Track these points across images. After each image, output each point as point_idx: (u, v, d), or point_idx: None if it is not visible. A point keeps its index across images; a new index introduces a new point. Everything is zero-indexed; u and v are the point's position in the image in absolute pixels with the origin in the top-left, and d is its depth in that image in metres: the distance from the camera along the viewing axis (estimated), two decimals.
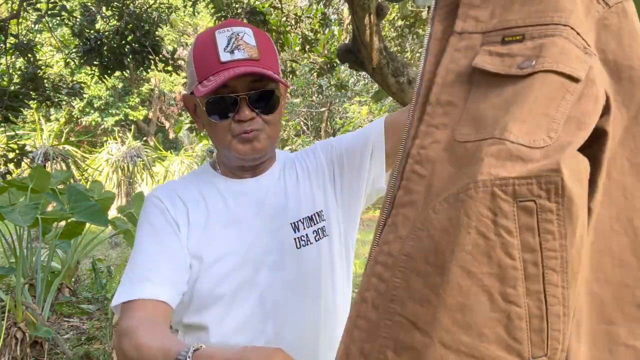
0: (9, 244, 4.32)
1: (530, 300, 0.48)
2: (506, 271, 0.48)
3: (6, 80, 4.72)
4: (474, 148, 0.50)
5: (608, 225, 0.55)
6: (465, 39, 0.56)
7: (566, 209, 0.47)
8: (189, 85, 1.03)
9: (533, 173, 0.47)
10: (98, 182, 5.18)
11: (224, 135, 1.00)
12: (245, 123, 0.97)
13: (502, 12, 0.55)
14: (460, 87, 0.55)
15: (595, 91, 0.52)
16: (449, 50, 0.57)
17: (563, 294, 0.49)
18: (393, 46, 8.02)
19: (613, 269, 0.55)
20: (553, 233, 0.48)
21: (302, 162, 1.15)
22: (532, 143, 0.48)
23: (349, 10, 2.85)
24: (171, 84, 18.64)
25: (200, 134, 7.78)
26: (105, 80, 5.33)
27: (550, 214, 0.48)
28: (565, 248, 0.48)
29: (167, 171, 15.16)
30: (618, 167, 0.55)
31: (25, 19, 5.41)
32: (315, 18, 7.34)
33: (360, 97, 13.90)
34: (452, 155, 0.53)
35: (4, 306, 3.68)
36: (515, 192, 0.47)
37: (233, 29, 0.97)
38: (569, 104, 0.50)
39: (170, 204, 1.04)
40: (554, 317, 0.49)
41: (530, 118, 0.49)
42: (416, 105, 0.60)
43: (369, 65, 2.67)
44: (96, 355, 3.71)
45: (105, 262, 6.67)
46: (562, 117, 0.50)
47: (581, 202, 0.49)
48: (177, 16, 14.66)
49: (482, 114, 0.52)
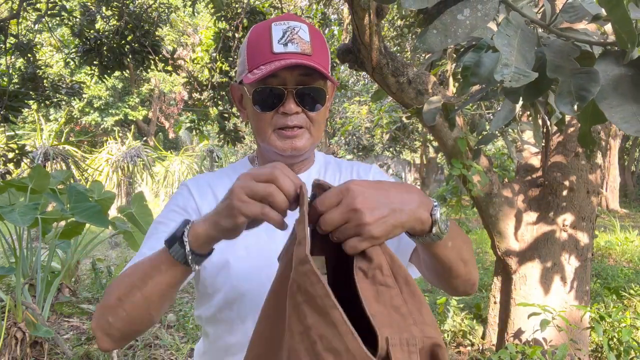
0: (9, 244, 4.32)
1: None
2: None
3: (6, 80, 4.72)
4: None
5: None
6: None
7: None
8: (239, 74, 1.02)
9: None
10: (98, 182, 5.17)
11: (265, 128, 0.99)
12: (289, 117, 0.97)
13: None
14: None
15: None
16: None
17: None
18: (393, 46, 8.02)
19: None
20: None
21: (351, 172, 1.14)
22: None
23: (349, 10, 2.85)
24: (171, 84, 18.62)
25: (200, 134, 7.76)
26: (105, 80, 5.33)
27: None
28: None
29: (167, 171, 15.16)
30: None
31: (25, 19, 5.41)
32: (315, 18, 7.34)
33: (360, 97, 13.89)
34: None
35: (4, 306, 3.68)
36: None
37: (290, 23, 0.97)
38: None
39: (198, 193, 1.05)
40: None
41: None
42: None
43: (369, 65, 2.67)
44: (96, 355, 3.71)
45: (105, 262, 6.67)
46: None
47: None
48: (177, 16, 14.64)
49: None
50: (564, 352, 2.71)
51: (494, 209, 3.08)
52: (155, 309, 0.83)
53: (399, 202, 0.71)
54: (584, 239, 3.08)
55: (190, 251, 0.76)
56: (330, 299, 0.59)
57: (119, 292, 0.83)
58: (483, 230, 8.05)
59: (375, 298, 0.63)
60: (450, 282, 0.88)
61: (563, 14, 0.97)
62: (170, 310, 4.84)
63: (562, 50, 0.89)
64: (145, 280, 0.80)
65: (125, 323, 0.82)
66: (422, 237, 0.76)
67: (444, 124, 2.90)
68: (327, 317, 0.58)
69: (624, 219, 11.81)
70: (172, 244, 0.77)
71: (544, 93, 1.05)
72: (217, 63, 5.69)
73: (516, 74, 0.78)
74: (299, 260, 0.63)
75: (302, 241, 0.64)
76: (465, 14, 0.81)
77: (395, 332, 0.60)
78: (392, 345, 0.59)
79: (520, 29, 0.84)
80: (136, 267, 0.85)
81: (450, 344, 3.89)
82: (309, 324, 0.60)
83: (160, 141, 21.28)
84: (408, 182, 18.88)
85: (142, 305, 0.81)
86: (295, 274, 0.63)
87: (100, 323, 0.84)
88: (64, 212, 3.83)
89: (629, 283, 5.36)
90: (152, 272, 0.80)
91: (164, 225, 1.01)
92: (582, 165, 3.09)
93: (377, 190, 0.70)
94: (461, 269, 0.85)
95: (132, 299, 0.80)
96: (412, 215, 0.71)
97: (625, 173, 17.89)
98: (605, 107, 0.83)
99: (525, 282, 3.13)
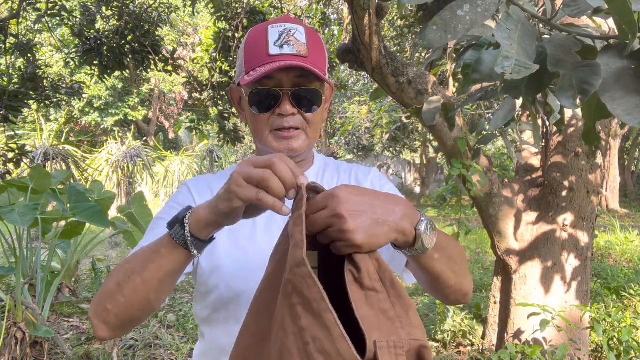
0: (9, 244, 4.32)
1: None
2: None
3: (6, 80, 4.72)
4: None
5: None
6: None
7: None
8: (237, 76, 1.04)
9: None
10: (98, 182, 5.17)
11: (262, 129, 1.00)
12: (285, 118, 0.98)
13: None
14: None
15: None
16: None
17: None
18: (393, 46, 8.02)
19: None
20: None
21: (349, 176, 1.14)
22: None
23: (349, 10, 2.84)
24: (171, 84, 18.62)
25: (200, 134, 7.76)
26: (105, 80, 5.33)
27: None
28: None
29: (167, 171, 15.15)
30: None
31: (25, 19, 5.41)
32: (315, 18, 7.34)
33: (359, 97, 13.90)
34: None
35: (4, 306, 3.68)
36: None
37: (286, 25, 0.98)
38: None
39: (198, 193, 1.07)
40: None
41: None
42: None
43: (369, 65, 2.66)
44: (96, 355, 3.71)
45: (105, 262, 6.67)
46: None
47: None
48: (177, 16, 14.64)
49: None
50: (563, 352, 2.70)
51: (493, 208, 3.07)
52: (155, 294, 0.82)
53: (383, 212, 0.72)
54: (584, 238, 3.08)
55: (190, 233, 0.77)
56: (324, 302, 0.60)
57: (117, 278, 0.83)
58: (483, 230, 8.05)
59: (363, 301, 0.65)
60: (441, 291, 0.89)
61: (565, 8, 0.97)
62: (170, 310, 4.83)
63: (563, 44, 0.89)
64: (145, 264, 0.81)
65: (123, 308, 0.82)
66: (406, 249, 0.77)
67: (444, 124, 2.89)
68: (320, 320, 0.60)
69: (624, 219, 11.81)
70: (173, 226, 0.79)
71: (545, 88, 1.04)
72: (217, 63, 5.69)
73: (517, 66, 0.77)
74: (296, 262, 0.64)
75: (299, 243, 0.65)
76: (465, 9, 0.81)
77: (383, 335, 0.62)
78: (379, 348, 0.61)
79: (521, 23, 0.84)
80: (136, 254, 0.86)
81: (450, 344, 3.89)
82: (303, 326, 0.61)
83: (160, 141, 21.28)
84: (408, 182, 18.81)
85: (141, 289, 0.81)
86: (291, 276, 0.64)
87: (97, 311, 0.84)
88: (64, 212, 3.83)
89: (629, 283, 5.36)
90: (153, 256, 0.81)
91: (164, 221, 1.01)
92: (582, 165, 3.09)
93: (362, 198, 0.72)
94: (451, 279, 0.86)
95: (131, 283, 0.81)
96: (394, 226, 0.72)
97: (625, 173, 17.89)
98: (608, 99, 0.83)
99: (525, 282, 3.13)
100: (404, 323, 0.66)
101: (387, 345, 0.62)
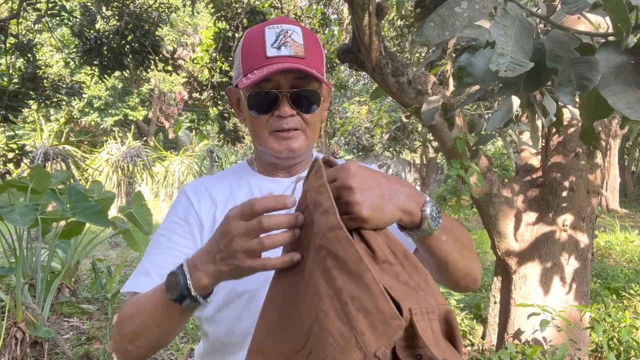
0: (9, 244, 4.32)
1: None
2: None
3: (6, 80, 4.72)
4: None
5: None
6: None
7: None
8: (235, 78, 1.04)
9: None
10: (98, 182, 5.17)
11: (261, 131, 1.00)
12: (284, 119, 0.98)
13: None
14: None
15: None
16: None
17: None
18: (393, 46, 8.02)
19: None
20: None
21: None
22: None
23: (348, 10, 2.84)
24: (171, 84, 18.61)
25: (200, 134, 7.76)
26: (105, 80, 5.33)
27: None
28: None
29: (167, 171, 15.15)
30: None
31: (25, 19, 5.41)
32: (315, 18, 7.34)
33: (360, 97, 13.89)
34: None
35: (4, 306, 3.68)
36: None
37: (282, 26, 0.98)
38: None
39: (197, 200, 1.07)
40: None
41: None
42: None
43: (369, 65, 2.66)
44: (96, 355, 3.71)
45: (105, 262, 6.67)
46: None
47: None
48: (177, 16, 14.65)
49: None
50: (563, 352, 2.70)
51: (493, 209, 3.07)
52: (173, 335, 0.89)
53: (389, 191, 0.73)
54: (583, 239, 3.08)
55: (202, 298, 0.79)
56: (363, 262, 0.62)
57: (133, 327, 0.87)
58: (483, 230, 8.04)
59: (381, 275, 0.66)
60: (450, 276, 0.88)
61: (563, 5, 0.97)
62: None
63: (561, 41, 0.89)
64: (159, 325, 0.85)
65: (143, 350, 0.89)
66: (413, 231, 0.78)
67: (444, 124, 2.89)
68: (359, 279, 0.61)
69: (624, 219, 11.81)
70: (182, 301, 0.79)
71: (544, 84, 1.04)
72: (217, 63, 5.69)
73: (512, 63, 0.77)
74: (329, 227, 0.65)
75: (329, 209, 0.66)
76: (462, 6, 0.80)
77: (413, 303, 0.64)
78: (414, 315, 0.62)
79: (518, 19, 0.84)
80: (146, 309, 0.87)
81: None
82: (339, 286, 0.62)
83: (160, 141, 21.28)
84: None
85: (158, 338, 0.87)
86: (324, 241, 0.66)
87: (119, 349, 0.90)
88: (64, 212, 3.83)
89: (629, 283, 5.35)
90: (164, 317, 0.84)
91: (166, 238, 1.03)
92: (582, 165, 3.09)
93: (372, 175, 0.73)
94: (459, 262, 0.86)
95: (148, 335, 0.86)
96: (400, 205, 0.73)
97: (625, 173, 17.88)
98: (608, 94, 0.83)
99: (525, 282, 3.13)
100: (427, 291, 0.67)
101: (421, 311, 0.63)
